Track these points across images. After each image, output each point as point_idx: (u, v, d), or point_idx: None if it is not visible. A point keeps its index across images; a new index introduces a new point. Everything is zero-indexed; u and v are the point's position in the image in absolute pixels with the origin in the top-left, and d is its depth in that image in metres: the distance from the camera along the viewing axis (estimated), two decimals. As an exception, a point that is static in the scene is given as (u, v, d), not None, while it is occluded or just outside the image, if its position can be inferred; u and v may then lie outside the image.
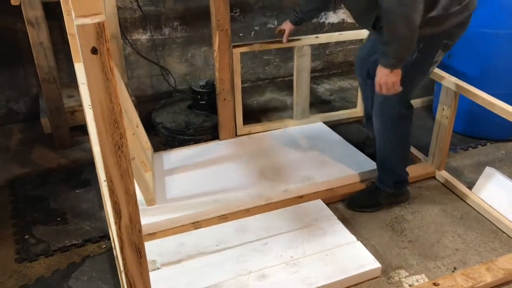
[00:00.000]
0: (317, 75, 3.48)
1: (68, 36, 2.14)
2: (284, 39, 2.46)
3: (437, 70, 2.25)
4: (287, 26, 2.43)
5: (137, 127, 2.26)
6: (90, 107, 1.76)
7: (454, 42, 1.90)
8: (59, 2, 2.09)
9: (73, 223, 2.09)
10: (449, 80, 2.16)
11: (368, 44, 2.33)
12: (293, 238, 1.91)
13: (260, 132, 2.64)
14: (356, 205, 2.15)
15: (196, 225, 2.00)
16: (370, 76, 2.27)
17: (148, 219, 1.96)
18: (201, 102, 2.74)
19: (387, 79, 1.77)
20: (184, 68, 3.16)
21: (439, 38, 1.84)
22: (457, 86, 2.12)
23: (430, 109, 2.98)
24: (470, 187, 2.25)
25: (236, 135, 2.60)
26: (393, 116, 1.98)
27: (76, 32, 0.64)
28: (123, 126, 0.72)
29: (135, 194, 0.80)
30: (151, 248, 1.84)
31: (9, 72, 2.78)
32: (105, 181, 1.23)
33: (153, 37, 2.99)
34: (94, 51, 0.65)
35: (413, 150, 2.53)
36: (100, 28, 0.63)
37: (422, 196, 2.25)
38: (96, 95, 0.68)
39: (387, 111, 1.97)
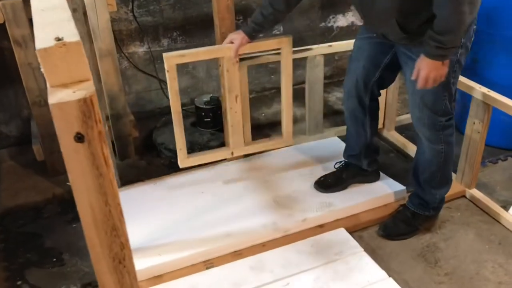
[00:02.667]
0: (326, 83, 3.25)
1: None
2: (233, 53, 1.93)
3: (465, 80, 2.05)
4: (238, 36, 1.91)
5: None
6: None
7: None
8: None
9: (70, 264, 1.89)
10: (480, 91, 1.96)
11: (365, 61, 1.87)
12: (317, 277, 1.71)
13: (271, 150, 2.43)
14: (394, 234, 1.95)
15: (208, 264, 1.79)
16: (373, 98, 1.97)
17: (154, 259, 1.76)
18: (205, 120, 2.54)
19: (437, 72, 1.55)
20: (185, 81, 2.94)
21: (471, 28, 1.65)
22: (490, 98, 1.92)
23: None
24: (504, 206, 2.06)
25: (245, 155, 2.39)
26: (441, 126, 1.77)
27: (51, 111, 0.43)
28: (125, 233, 0.51)
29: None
30: (159, 295, 1.64)
31: (-3, 93, 2.57)
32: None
33: (151, 49, 2.78)
34: (79, 138, 0.44)
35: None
36: (87, 105, 0.42)
37: (453, 219, 2.04)
38: (85, 197, 0.47)
39: (434, 122, 1.76)
